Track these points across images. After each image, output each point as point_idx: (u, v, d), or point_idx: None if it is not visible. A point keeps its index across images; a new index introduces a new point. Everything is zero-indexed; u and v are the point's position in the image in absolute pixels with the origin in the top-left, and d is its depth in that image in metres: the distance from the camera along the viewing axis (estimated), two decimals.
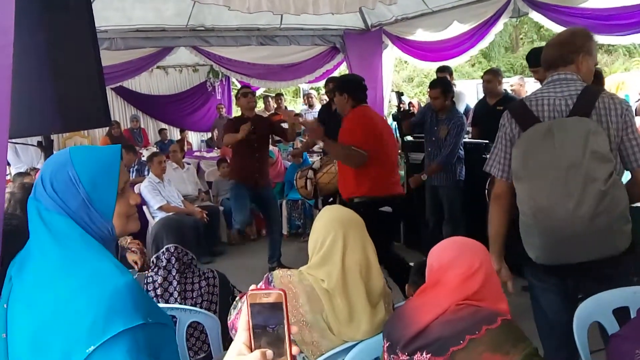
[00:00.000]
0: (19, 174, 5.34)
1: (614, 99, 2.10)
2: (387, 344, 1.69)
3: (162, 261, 2.39)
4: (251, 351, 0.85)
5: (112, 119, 9.50)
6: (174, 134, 11.08)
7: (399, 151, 6.53)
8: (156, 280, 2.40)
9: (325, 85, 5.25)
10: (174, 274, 2.38)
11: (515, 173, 2.15)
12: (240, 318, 0.87)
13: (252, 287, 0.87)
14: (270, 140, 5.37)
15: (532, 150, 2.07)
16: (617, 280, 2.08)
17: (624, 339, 1.80)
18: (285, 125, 5.37)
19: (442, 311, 1.58)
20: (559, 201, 1.98)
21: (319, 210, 4.03)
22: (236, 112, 14.54)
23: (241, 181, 5.12)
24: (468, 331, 1.49)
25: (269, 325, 0.85)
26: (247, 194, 5.14)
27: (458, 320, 1.53)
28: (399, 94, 5.23)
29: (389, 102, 8.13)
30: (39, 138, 2.81)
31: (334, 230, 1.92)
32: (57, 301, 1.07)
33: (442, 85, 4.82)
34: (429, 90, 4.96)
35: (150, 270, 2.45)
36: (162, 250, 2.42)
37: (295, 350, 0.86)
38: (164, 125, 10.94)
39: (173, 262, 2.38)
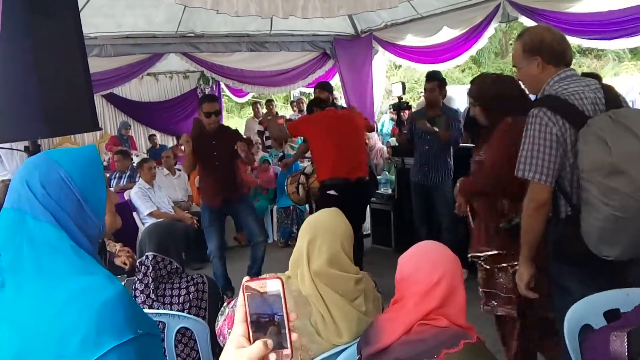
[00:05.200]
0: (3, 182, 5.27)
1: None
2: (357, 357, 1.67)
3: (146, 267, 2.37)
4: (250, 343, 0.82)
5: (103, 126, 9.44)
6: (165, 140, 11.01)
7: (388, 157, 6.57)
8: (139, 288, 2.38)
9: (314, 91, 5.27)
10: (149, 282, 2.36)
11: (611, 168, 1.93)
12: (237, 310, 0.84)
13: (246, 278, 0.84)
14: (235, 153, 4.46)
15: (620, 143, 1.93)
16: None
17: (600, 331, 1.79)
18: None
19: (405, 330, 1.52)
20: None
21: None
22: (226, 119, 14.50)
23: (210, 204, 4.65)
24: (426, 354, 1.42)
25: (268, 315, 0.83)
26: (218, 217, 4.68)
27: (419, 341, 1.47)
28: (403, 85, 5.29)
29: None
30: (26, 143, 2.78)
31: (301, 238, 1.93)
32: (46, 316, 1.03)
33: (438, 78, 4.92)
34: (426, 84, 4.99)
35: (135, 276, 2.43)
36: (141, 258, 2.41)
37: (294, 336, 0.83)
38: (154, 132, 10.88)
39: (149, 272, 2.36)
